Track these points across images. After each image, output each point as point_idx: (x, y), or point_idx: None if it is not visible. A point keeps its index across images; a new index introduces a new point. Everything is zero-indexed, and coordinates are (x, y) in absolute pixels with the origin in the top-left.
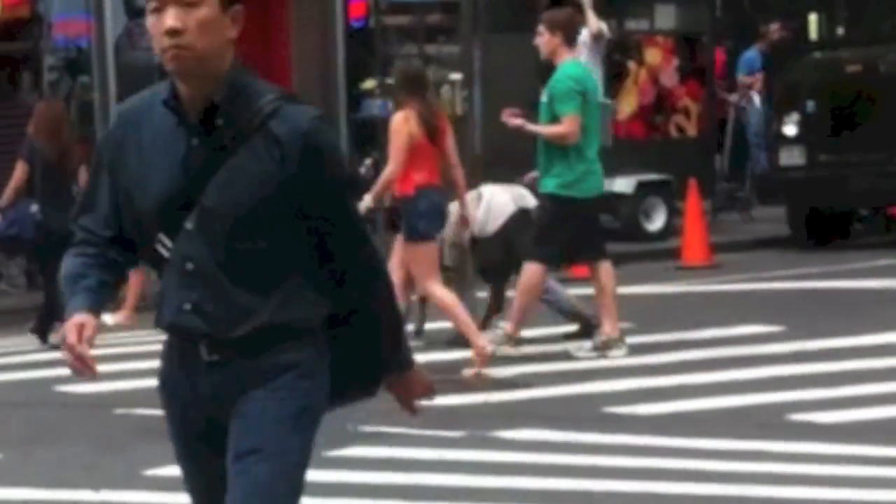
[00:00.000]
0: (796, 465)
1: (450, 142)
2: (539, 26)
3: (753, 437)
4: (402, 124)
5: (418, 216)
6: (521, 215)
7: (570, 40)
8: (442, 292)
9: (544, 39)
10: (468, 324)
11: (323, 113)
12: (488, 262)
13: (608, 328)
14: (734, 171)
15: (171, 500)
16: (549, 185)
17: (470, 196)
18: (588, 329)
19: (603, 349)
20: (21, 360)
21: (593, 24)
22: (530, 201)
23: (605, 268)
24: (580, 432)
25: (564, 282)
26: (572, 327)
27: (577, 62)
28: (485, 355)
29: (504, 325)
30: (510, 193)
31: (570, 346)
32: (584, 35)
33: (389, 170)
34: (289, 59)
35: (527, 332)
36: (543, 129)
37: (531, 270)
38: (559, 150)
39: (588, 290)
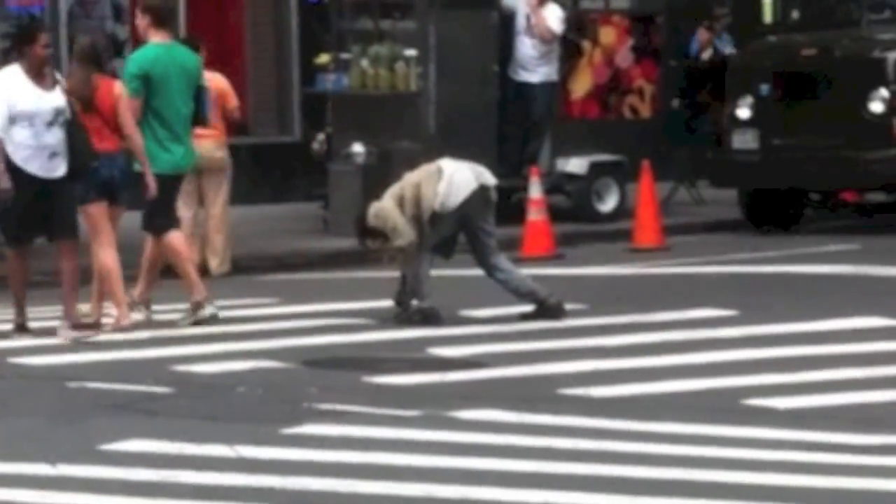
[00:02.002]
0: (749, 451)
1: (120, 112)
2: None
3: (707, 422)
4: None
5: None
6: (482, 192)
7: (158, 23)
8: (103, 257)
9: (138, 20)
10: (112, 291)
11: None
12: (443, 237)
13: (196, 293)
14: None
15: (128, 476)
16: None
17: (428, 170)
18: (543, 309)
19: (194, 313)
20: None
21: (543, 27)
22: (489, 178)
23: (172, 238)
24: (534, 413)
25: (518, 262)
26: (527, 307)
27: (155, 45)
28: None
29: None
30: (471, 170)
31: (177, 316)
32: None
33: None
34: (243, 32)
35: (481, 312)
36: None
37: (165, 241)
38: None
39: (541, 270)
